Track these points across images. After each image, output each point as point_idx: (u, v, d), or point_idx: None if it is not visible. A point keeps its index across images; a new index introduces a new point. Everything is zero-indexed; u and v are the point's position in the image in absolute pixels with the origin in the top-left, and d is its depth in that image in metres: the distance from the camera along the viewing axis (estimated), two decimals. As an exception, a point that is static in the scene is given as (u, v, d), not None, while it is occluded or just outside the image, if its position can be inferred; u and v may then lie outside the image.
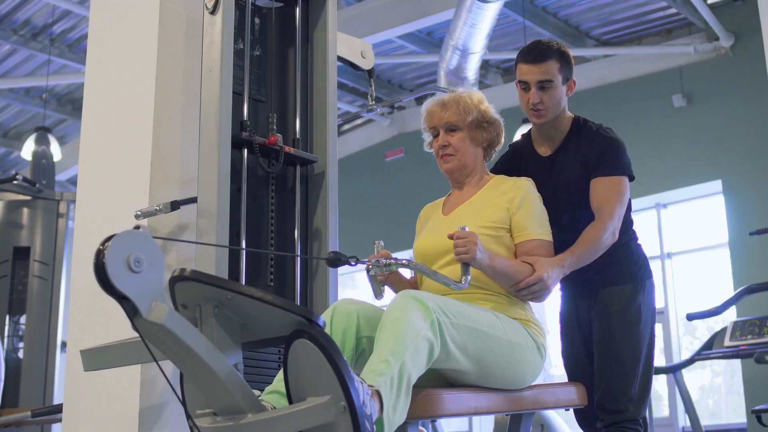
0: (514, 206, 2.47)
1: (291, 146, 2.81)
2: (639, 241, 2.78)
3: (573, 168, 2.66)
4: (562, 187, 2.65)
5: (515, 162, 2.78)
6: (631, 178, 2.67)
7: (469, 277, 2.23)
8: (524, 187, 2.51)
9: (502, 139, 2.64)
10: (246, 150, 2.69)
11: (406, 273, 2.57)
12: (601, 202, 2.57)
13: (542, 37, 8.43)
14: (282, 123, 2.85)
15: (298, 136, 2.85)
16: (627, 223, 2.71)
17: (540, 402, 2.44)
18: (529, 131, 2.81)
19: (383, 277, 2.34)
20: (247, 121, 2.69)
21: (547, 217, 2.51)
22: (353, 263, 2.18)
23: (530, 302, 2.45)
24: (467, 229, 2.25)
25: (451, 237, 2.26)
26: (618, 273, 2.66)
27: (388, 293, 2.44)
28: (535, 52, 2.63)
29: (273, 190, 2.80)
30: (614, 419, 2.57)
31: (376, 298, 2.35)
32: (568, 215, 2.65)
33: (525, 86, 2.65)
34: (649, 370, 2.62)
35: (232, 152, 2.62)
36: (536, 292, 2.35)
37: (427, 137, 2.66)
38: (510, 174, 2.67)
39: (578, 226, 2.57)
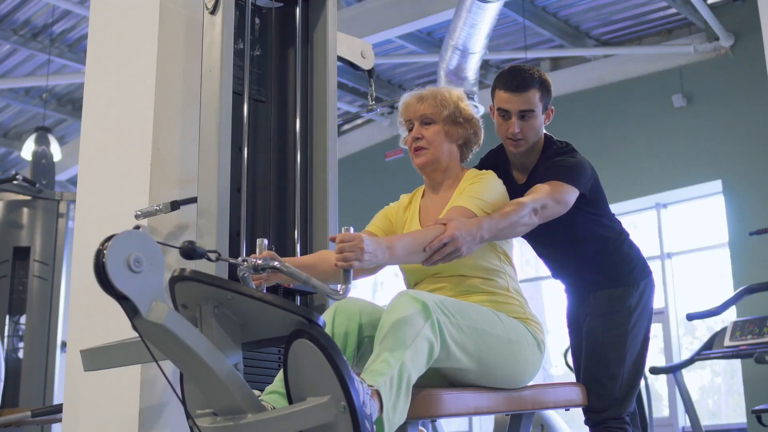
0: (460, 191, 2.41)
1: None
2: (631, 242, 2.76)
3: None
4: None
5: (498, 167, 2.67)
6: (582, 194, 2.53)
7: (350, 286, 1.99)
8: (481, 176, 2.43)
9: (480, 140, 2.57)
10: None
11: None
12: (536, 188, 2.44)
13: (542, 38, 8.48)
14: (281, 227, 2.79)
15: (297, 237, 2.77)
16: (614, 226, 2.72)
17: (540, 402, 2.45)
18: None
19: (260, 280, 2.16)
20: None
21: (488, 201, 2.35)
22: (213, 259, 1.83)
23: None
24: (353, 230, 2.00)
25: (331, 239, 2.04)
26: (608, 277, 2.67)
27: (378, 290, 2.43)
28: (518, 81, 2.54)
29: (272, 191, 2.80)
30: (598, 418, 2.59)
31: None
32: (550, 240, 2.66)
33: (505, 114, 2.57)
34: (636, 371, 2.63)
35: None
36: (449, 254, 2.12)
37: (403, 132, 2.56)
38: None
39: (567, 250, 2.64)
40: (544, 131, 2.67)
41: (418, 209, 2.55)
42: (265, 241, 2.11)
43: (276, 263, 1.98)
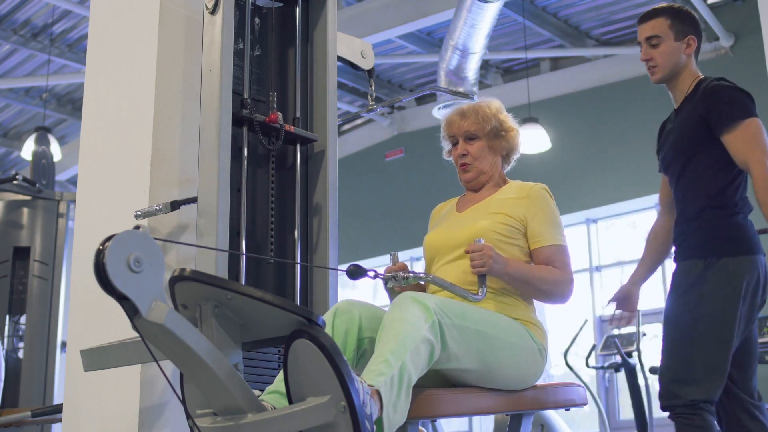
0: (531, 212, 2.49)
1: (291, 124, 2.81)
2: (737, 213, 2.64)
3: (686, 123, 2.71)
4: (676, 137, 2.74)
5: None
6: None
7: (485, 289, 2.28)
8: (540, 194, 2.53)
9: (520, 147, 2.68)
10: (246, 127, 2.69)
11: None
12: (742, 152, 2.58)
13: (542, 38, 8.48)
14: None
15: (298, 114, 2.85)
16: (723, 188, 2.65)
17: (540, 402, 2.44)
18: None
19: (400, 289, 2.35)
20: (248, 99, 2.69)
21: (561, 222, 2.53)
22: (372, 276, 2.19)
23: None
24: (482, 242, 2.30)
25: (467, 252, 2.32)
26: (690, 246, 2.63)
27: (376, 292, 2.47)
28: (644, 14, 2.76)
29: (273, 195, 2.80)
30: (667, 404, 2.54)
31: None
32: (679, 167, 2.72)
33: (639, 45, 2.79)
34: (711, 354, 2.51)
35: (233, 129, 2.61)
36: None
37: (446, 145, 2.69)
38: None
39: (685, 179, 2.68)
40: (699, 72, 2.78)
41: (455, 203, 2.68)
42: (398, 254, 2.42)
43: (421, 273, 2.31)
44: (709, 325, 2.53)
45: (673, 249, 2.78)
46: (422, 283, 2.48)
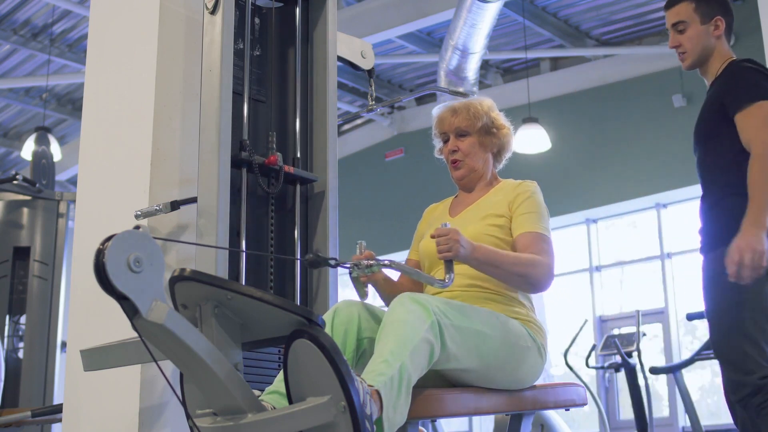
0: (515, 205, 2.48)
1: (291, 165, 2.78)
2: None
3: (706, 106, 2.68)
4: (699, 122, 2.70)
5: None
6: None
7: (452, 275, 2.19)
8: (528, 188, 2.52)
9: (512, 146, 2.67)
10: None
11: (394, 274, 2.56)
12: (748, 131, 2.49)
13: (542, 38, 8.48)
14: (282, 141, 2.82)
15: (298, 154, 2.82)
16: (744, 176, 2.49)
17: (540, 402, 2.44)
18: None
19: (366, 279, 2.30)
20: (247, 140, 2.67)
21: (546, 216, 2.50)
22: (333, 265, 2.16)
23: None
24: (448, 226, 2.23)
25: (432, 236, 2.23)
26: (714, 236, 2.55)
27: (374, 293, 2.44)
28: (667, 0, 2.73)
29: (273, 197, 2.80)
30: (736, 397, 2.46)
31: (360, 299, 2.34)
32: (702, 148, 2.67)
33: (668, 32, 2.75)
34: (762, 336, 2.45)
35: (232, 171, 2.58)
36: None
37: (438, 143, 2.67)
38: None
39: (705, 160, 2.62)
40: (732, 55, 2.72)
41: (449, 205, 2.67)
42: (364, 243, 2.31)
43: (386, 261, 2.22)
44: (751, 309, 2.48)
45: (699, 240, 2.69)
46: (384, 270, 2.40)
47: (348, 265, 2.22)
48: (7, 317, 5.71)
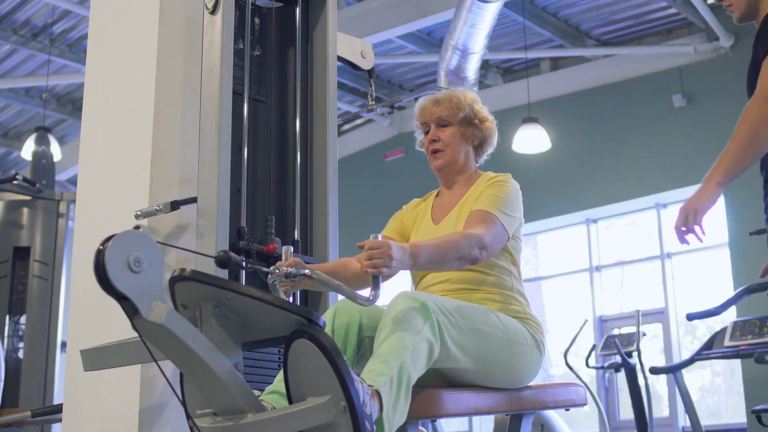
0: (483, 193, 2.44)
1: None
2: None
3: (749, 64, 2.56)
4: None
5: None
6: None
7: (379, 292, 2.01)
8: (501, 179, 2.48)
9: (495, 141, 2.62)
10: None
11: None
12: (764, 78, 2.29)
13: (542, 38, 8.48)
14: (281, 227, 2.78)
15: (297, 237, 2.79)
16: None
17: (540, 402, 2.44)
18: None
19: (287, 288, 2.12)
20: (245, 227, 2.65)
21: (509, 204, 2.40)
22: (245, 268, 1.97)
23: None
24: (380, 237, 2.03)
25: (361, 246, 2.03)
26: None
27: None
28: None
29: (272, 191, 2.80)
30: None
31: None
32: None
33: None
34: None
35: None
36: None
37: (419, 135, 2.62)
38: None
39: None
40: None
41: (430, 207, 2.61)
42: (291, 249, 2.14)
43: (306, 271, 2.02)
44: None
45: None
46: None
47: (265, 271, 2.04)
48: (7, 317, 5.71)
